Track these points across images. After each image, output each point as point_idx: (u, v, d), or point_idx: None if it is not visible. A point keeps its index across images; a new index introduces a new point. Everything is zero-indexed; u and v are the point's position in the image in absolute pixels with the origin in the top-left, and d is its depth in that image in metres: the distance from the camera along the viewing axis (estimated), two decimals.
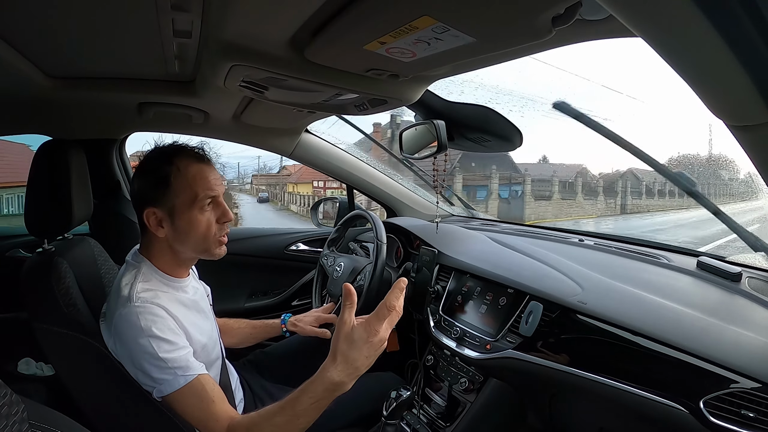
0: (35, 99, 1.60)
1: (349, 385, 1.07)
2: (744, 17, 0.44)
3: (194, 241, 1.31)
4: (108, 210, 2.13)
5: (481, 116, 1.65)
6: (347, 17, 0.89)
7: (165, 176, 1.28)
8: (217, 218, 1.33)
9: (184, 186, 1.28)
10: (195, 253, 1.36)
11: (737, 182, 23.38)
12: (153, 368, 1.15)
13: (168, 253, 1.34)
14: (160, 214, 1.29)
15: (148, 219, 1.29)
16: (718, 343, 1.09)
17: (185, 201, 1.28)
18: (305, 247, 2.72)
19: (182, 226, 1.29)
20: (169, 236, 1.31)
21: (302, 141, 2.37)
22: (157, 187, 1.28)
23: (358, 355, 1.04)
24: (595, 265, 1.57)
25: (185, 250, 1.34)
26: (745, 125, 0.58)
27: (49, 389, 2.11)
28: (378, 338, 1.05)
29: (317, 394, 1.06)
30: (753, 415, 0.96)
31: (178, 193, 1.28)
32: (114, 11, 1.04)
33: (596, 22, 0.86)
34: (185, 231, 1.30)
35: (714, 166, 28.04)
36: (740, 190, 6.32)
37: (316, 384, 1.07)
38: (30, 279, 1.33)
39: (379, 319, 1.05)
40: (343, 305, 1.09)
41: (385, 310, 1.06)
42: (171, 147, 1.34)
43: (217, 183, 1.33)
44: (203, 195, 1.28)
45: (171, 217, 1.29)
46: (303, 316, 1.87)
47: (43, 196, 1.42)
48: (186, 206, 1.28)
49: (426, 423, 1.75)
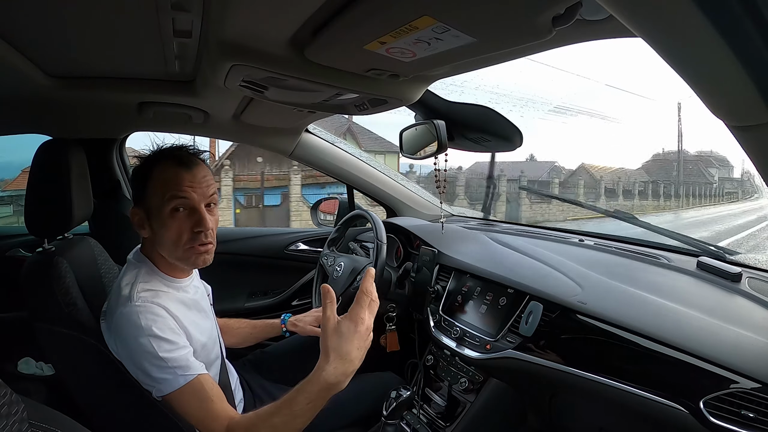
0: (35, 98, 1.60)
1: (344, 383, 1.07)
2: (744, 17, 0.44)
3: (167, 246, 1.30)
4: (108, 209, 2.13)
5: (482, 116, 1.65)
6: (347, 17, 0.89)
7: (144, 177, 1.28)
8: (192, 226, 1.28)
9: (156, 188, 1.27)
10: (171, 260, 1.33)
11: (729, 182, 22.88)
12: (153, 368, 1.15)
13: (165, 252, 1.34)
14: (140, 215, 1.30)
15: (133, 218, 1.30)
16: (718, 344, 1.09)
17: (156, 204, 1.27)
18: (305, 246, 2.72)
19: (156, 229, 1.29)
20: (150, 238, 1.31)
21: (302, 141, 2.37)
22: (138, 188, 1.30)
23: (349, 347, 1.05)
24: (595, 265, 1.57)
25: (164, 254, 1.32)
26: (746, 125, 0.58)
27: (49, 389, 2.11)
28: (365, 326, 1.06)
29: (312, 395, 1.07)
30: (753, 415, 0.96)
31: (152, 194, 1.27)
32: (114, 11, 1.05)
33: (596, 23, 0.86)
34: (160, 234, 1.29)
35: (703, 164, 27.41)
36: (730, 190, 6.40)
37: (311, 384, 1.07)
38: (30, 278, 1.33)
39: (361, 307, 1.07)
40: (323, 304, 1.09)
41: (363, 296, 1.07)
42: (160, 148, 1.33)
43: (194, 188, 1.28)
44: (168, 197, 1.25)
45: (149, 218, 1.29)
46: (303, 316, 1.87)
47: (43, 196, 1.42)
48: (157, 209, 1.27)
49: (426, 423, 1.75)
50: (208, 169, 1.34)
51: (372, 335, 1.09)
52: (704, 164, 29.61)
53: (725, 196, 29.55)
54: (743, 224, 15.46)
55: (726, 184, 30.89)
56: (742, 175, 29.19)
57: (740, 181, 29.66)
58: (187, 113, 1.86)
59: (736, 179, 31.59)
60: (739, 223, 16.04)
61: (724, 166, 31.08)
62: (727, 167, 31.51)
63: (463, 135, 1.74)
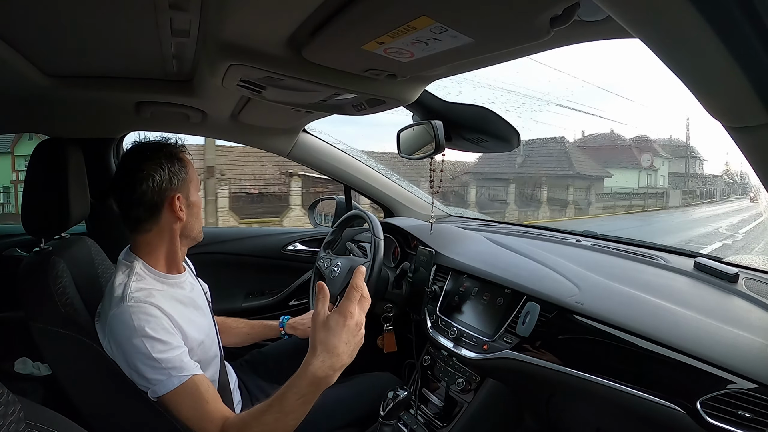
0: (33, 98, 1.60)
1: (332, 378, 1.07)
2: (742, 18, 0.44)
3: (199, 222, 1.44)
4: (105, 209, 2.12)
5: (479, 117, 1.65)
6: (345, 17, 0.89)
7: (183, 164, 1.38)
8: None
9: (192, 172, 1.41)
10: (195, 235, 1.44)
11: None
12: (147, 368, 1.15)
13: (162, 248, 1.35)
14: (182, 199, 1.35)
15: (174, 205, 1.33)
16: (715, 344, 1.10)
17: (195, 185, 1.42)
18: (302, 247, 2.71)
19: (193, 209, 1.39)
20: (186, 221, 1.38)
21: (300, 141, 2.37)
22: (179, 174, 1.35)
23: (337, 341, 1.05)
24: (592, 266, 1.58)
25: (191, 233, 1.41)
26: (743, 126, 0.58)
27: (46, 389, 2.11)
28: (354, 321, 1.06)
29: (302, 390, 1.06)
30: (750, 415, 0.96)
31: (192, 178, 1.40)
32: (112, 10, 1.05)
33: (594, 23, 0.86)
34: (195, 213, 1.42)
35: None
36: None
37: (300, 379, 1.07)
38: (27, 278, 1.32)
39: (351, 301, 1.06)
40: (316, 300, 1.10)
41: (353, 291, 1.07)
42: (168, 141, 1.42)
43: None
44: (198, 176, 1.45)
45: (187, 200, 1.37)
46: (301, 318, 1.87)
47: (40, 195, 1.42)
48: (195, 188, 1.42)
49: (423, 423, 1.74)
50: None
51: (363, 331, 1.08)
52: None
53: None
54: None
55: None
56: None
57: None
58: (185, 113, 1.86)
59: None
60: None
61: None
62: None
63: (460, 135, 1.74)
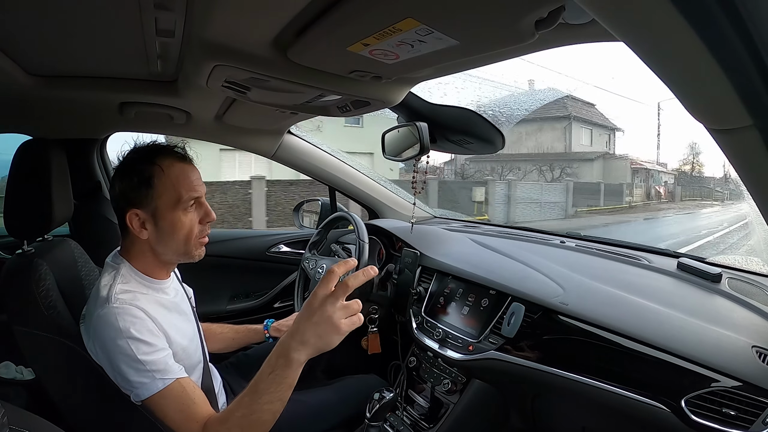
0: (15, 97, 1.58)
1: (297, 351, 1.08)
2: (724, 22, 0.44)
3: (176, 243, 1.30)
4: (88, 211, 2.10)
5: (464, 118, 1.66)
6: (331, 18, 0.89)
7: (148, 177, 1.26)
8: (200, 219, 1.32)
9: (168, 187, 1.26)
10: (176, 256, 1.34)
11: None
12: (131, 370, 1.14)
13: (149, 254, 1.32)
14: (143, 216, 1.27)
15: (131, 221, 1.27)
16: (699, 343, 1.11)
17: (168, 202, 1.27)
18: (287, 248, 2.70)
19: (165, 228, 1.28)
20: (152, 238, 1.29)
21: (285, 142, 2.36)
22: (139, 189, 1.26)
23: (301, 317, 1.09)
24: (576, 267, 1.59)
25: (166, 252, 1.32)
26: (725, 129, 0.59)
27: (30, 393, 2.07)
28: (317, 300, 1.07)
29: (271, 362, 1.09)
30: (734, 413, 0.98)
31: (161, 194, 1.26)
32: (96, 9, 1.04)
33: (579, 26, 0.86)
34: (168, 232, 1.28)
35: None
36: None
37: (271, 354, 1.10)
38: (9, 281, 1.31)
39: (319, 285, 1.08)
40: (318, 282, 1.10)
41: (327, 275, 1.09)
42: (153, 146, 1.33)
43: (199, 183, 1.32)
44: (187, 197, 1.28)
45: (154, 218, 1.27)
46: (286, 321, 1.87)
47: (22, 197, 1.40)
48: (169, 207, 1.27)
49: (409, 424, 1.75)
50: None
51: (337, 314, 1.07)
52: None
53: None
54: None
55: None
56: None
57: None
58: (169, 114, 1.84)
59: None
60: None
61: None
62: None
63: (445, 137, 1.74)
